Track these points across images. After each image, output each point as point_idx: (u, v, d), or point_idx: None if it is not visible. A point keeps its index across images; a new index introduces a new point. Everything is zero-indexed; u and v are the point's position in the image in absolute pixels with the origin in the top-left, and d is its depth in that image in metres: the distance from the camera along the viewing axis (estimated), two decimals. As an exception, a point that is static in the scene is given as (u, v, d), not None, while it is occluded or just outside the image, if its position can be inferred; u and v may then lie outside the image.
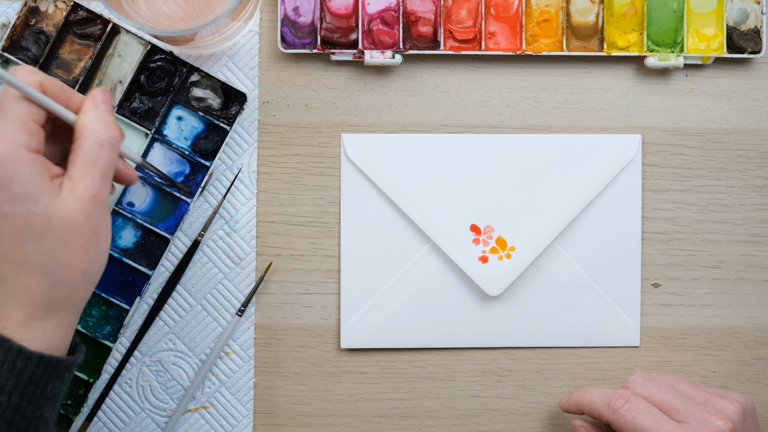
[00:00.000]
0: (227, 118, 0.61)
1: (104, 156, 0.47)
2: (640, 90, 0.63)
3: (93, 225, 0.47)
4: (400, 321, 0.62)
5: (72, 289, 0.47)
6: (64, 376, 0.47)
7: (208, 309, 0.62)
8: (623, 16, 0.62)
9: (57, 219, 0.45)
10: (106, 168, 0.48)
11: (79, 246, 0.46)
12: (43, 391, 0.46)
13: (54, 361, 0.46)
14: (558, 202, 0.62)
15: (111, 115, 0.49)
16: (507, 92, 0.63)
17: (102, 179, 0.47)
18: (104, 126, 0.48)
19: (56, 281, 0.46)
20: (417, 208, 0.61)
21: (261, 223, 0.62)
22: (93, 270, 0.47)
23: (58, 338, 0.47)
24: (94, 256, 0.47)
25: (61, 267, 0.46)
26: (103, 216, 0.48)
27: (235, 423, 0.61)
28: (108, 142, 0.48)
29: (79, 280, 0.47)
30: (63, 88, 0.49)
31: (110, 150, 0.48)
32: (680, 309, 0.63)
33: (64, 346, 0.48)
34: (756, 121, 0.63)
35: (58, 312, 0.47)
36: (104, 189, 0.47)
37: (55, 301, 0.46)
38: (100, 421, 0.61)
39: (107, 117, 0.49)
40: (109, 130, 0.48)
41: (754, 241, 0.63)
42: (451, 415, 0.63)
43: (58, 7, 0.60)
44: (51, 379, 0.46)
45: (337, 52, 0.61)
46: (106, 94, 0.50)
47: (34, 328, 0.46)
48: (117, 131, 0.49)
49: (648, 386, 0.57)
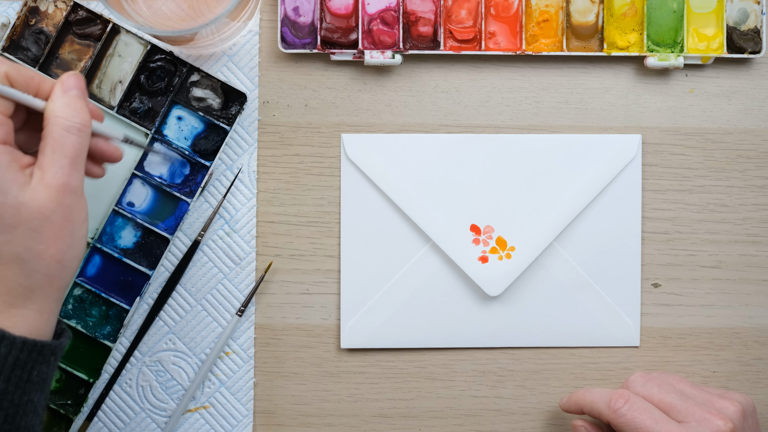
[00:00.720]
0: (227, 118, 0.61)
1: (72, 142, 0.47)
2: (640, 90, 0.63)
3: (65, 213, 0.46)
4: (400, 321, 0.62)
5: (49, 277, 0.47)
6: (50, 360, 0.47)
7: (208, 309, 0.62)
8: (623, 16, 0.62)
9: (27, 209, 0.45)
10: (75, 154, 0.47)
11: (53, 235, 0.46)
12: (30, 375, 0.46)
13: (38, 345, 0.46)
14: (558, 202, 0.62)
15: (80, 99, 0.48)
16: (507, 92, 0.63)
17: (71, 166, 0.47)
18: (72, 111, 0.47)
19: (31, 270, 0.46)
20: (417, 208, 0.61)
21: (261, 223, 0.62)
22: (69, 258, 0.47)
23: (39, 324, 0.47)
24: (70, 243, 0.47)
25: (35, 256, 0.46)
26: (76, 203, 0.47)
27: (235, 423, 0.61)
28: (75, 128, 0.47)
29: (55, 267, 0.47)
30: (31, 76, 0.48)
31: (78, 135, 0.47)
32: (680, 309, 0.63)
33: (47, 332, 0.48)
34: (756, 121, 0.63)
35: (37, 299, 0.47)
36: (74, 176, 0.47)
37: (32, 289, 0.46)
38: (100, 421, 0.61)
39: (75, 102, 0.48)
40: (77, 116, 0.47)
41: (754, 241, 0.63)
42: (451, 415, 0.63)
43: (58, 7, 0.60)
44: (36, 363, 0.46)
45: (337, 52, 0.61)
46: (77, 79, 0.49)
47: (14, 315, 0.46)
48: (85, 116, 0.48)
49: (648, 386, 0.57)
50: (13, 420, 0.45)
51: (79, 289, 0.60)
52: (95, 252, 0.60)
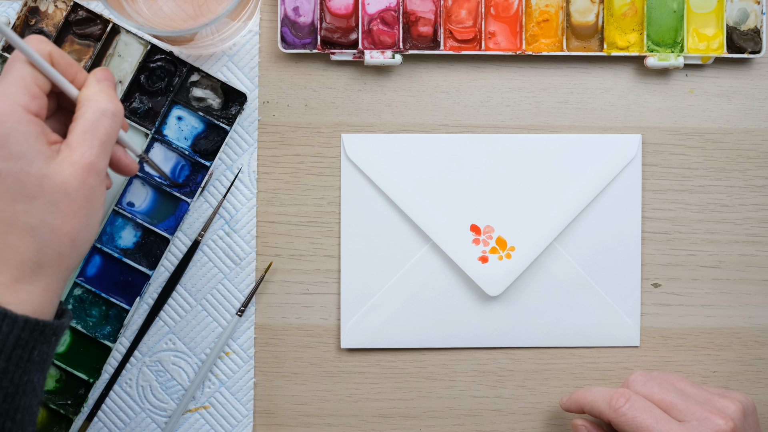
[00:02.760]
0: (227, 118, 0.61)
1: (105, 125, 0.48)
2: (640, 90, 0.63)
3: (86, 193, 0.47)
4: (400, 321, 0.62)
5: (59, 255, 0.47)
6: (51, 341, 0.47)
7: (208, 309, 0.61)
8: (623, 16, 0.62)
9: (50, 181, 0.46)
10: (106, 137, 0.48)
11: (70, 212, 0.46)
12: (30, 354, 0.45)
13: (40, 325, 0.46)
14: (558, 202, 0.62)
15: (114, 91, 0.50)
16: (507, 92, 0.63)
17: (101, 148, 0.47)
18: (107, 98, 0.48)
19: (44, 245, 0.46)
20: (417, 208, 0.61)
21: (261, 223, 0.62)
22: (82, 239, 0.47)
23: (43, 303, 0.47)
24: (85, 224, 0.47)
25: (50, 231, 0.46)
26: (98, 186, 0.47)
27: (235, 423, 0.61)
28: (110, 111, 0.48)
29: (66, 246, 0.47)
30: (71, 63, 0.49)
31: (112, 120, 0.48)
32: (680, 309, 0.63)
33: (50, 312, 0.47)
34: (756, 121, 0.63)
35: (44, 276, 0.46)
36: (102, 158, 0.47)
37: (41, 265, 0.46)
38: (100, 421, 0.61)
39: (110, 90, 0.49)
40: (110, 102, 0.48)
41: (754, 241, 0.63)
42: (451, 415, 0.62)
43: (58, 7, 0.60)
44: (38, 342, 0.46)
45: (337, 52, 0.61)
46: (108, 73, 0.50)
47: (20, 291, 0.46)
48: (119, 105, 0.49)
49: (649, 385, 0.57)
50: (13, 399, 0.45)
51: (79, 289, 0.60)
52: (95, 252, 0.60)
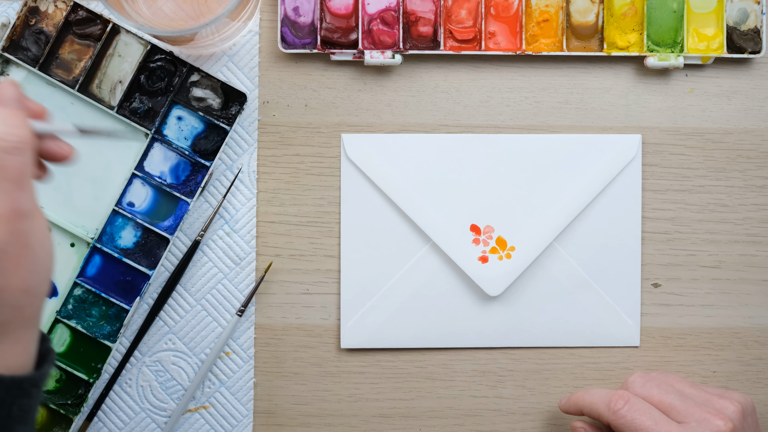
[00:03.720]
0: (227, 118, 0.61)
1: (13, 164, 0.42)
2: (640, 90, 0.63)
3: (21, 240, 0.42)
4: (400, 321, 0.62)
5: (17, 308, 0.43)
6: (31, 393, 0.44)
7: (208, 309, 0.62)
8: (623, 16, 0.62)
9: None
10: (19, 175, 0.43)
11: (13, 266, 0.42)
12: (9, 411, 0.43)
13: (17, 381, 0.43)
14: (558, 202, 0.62)
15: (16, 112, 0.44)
16: (507, 92, 0.63)
17: (18, 188, 0.42)
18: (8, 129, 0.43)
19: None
20: (417, 208, 0.61)
21: (261, 223, 0.62)
22: (35, 284, 0.44)
23: (16, 356, 0.44)
24: (33, 270, 0.43)
25: None
26: (32, 225, 0.43)
27: (235, 423, 0.61)
28: (14, 147, 0.43)
29: (21, 298, 0.43)
30: None
31: (19, 155, 0.43)
32: (680, 309, 0.63)
33: (26, 362, 0.45)
34: (756, 121, 0.63)
35: (10, 333, 0.43)
36: (23, 198, 0.43)
37: (3, 324, 0.43)
38: (100, 421, 0.61)
39: (9, 119, 0.43)
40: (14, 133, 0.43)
41: (754, 241, 0.63)
42: (451, 415, 0.63)
43: (58, 7, 0.60)
44: (16, 398, 0.43)
45: (337, 52, 0.61)
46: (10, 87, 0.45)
47: None
48: (23, 131, 0.43)
49: (648, 386, 0.56)
50: None
51: (79, 289, 0.60)
52: (95, 252, 0.60)
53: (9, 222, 0.42)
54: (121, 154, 0.61)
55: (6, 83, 0.45)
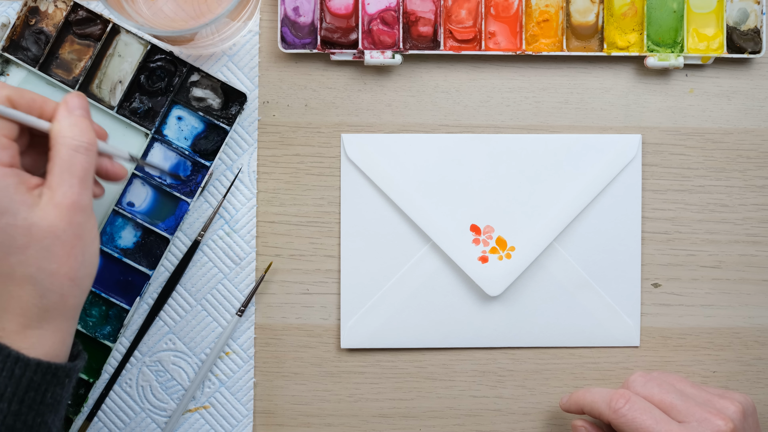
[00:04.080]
0: (227, 118, 0.61)
1: (80, 161, 0.47)
2: (640, 90, 0.63)
3: (76, 231, 0.47)
4: (400, 321, 0.62)
5: (63, 296, 0.47)
6: (64, 383, 0.47)
7: (208, 309, 0.62)
8: (623, 16, 0.62)
9: (38, 229, 0.45)
10: (84, 173, 0.47)
11: (65, 253, 0.46)
12: (43, 397, 0.46)
13: (53, 367, 0.46)
14: (558, 202, 0.62)
15: (85, 119, 0.49)
16: (507, 92, 0.63)
17: (81, 185, 0.47)
18: (79, 131, 0.48)
19: (45, 290, 0.46)
20: (417, 208, 0.61)
21: (261, 223, 0.62)
22: (82, 276, 0.47)
23: (54, 344, 0.47)
24: (82, 261, 0.47)
25: (48, 275, 0.46)
26: (87, 221, 0.47)
27: (235, 423, 0.61)
28: (83, 147, 0.48)
29: (68, 286, 0.47)
30: (33, 99, 0.49)
31: (86, 155, 0.48)
32: (680, 309, 0.63)
33: (62, 353, 0.48)
34: (756, 121, 0.63)
35: (52, 319, 0.47)
36: (84, 194, 0.47)
37: (47, 309, 0.46)
38: (100, 421, 0.61)
39: (81, 122, 0.48)
40: (83, 135, 0.48)
41: (754, 241, 0.63)
42: (451, 415, 0.63)
43: (58, 7, 0.60)
44: (51, 385, 0.46)
45: (337, 52, 0.61)
46: (80, 99, 0.49)
47: (30, 336, 0.46)
48: (92, 135, 0.48)
49: (649, 386, 0.57)
50: None
51: (79, 289, 0.60)
52: (95, 252, 0.60)
53: (68, 212, 0.46)
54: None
55: (74, 94, 0.50)
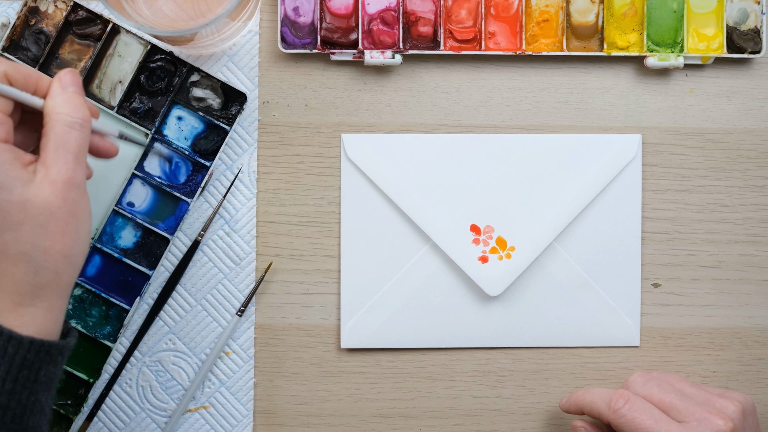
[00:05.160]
0: (227, 118, 0.61)
1: (75, 138, 0.47)
2: (640, 90, 0.63)
3: (70, 208, 0.47)
4: (400, 321, 0.62)
5: (56, 274, 0.47)
6: (57, 360, 0.47)
7: (208, 309, 0.62)
8: (623, 16, 0.62)
9: (33, 205, 0.46)
10: (78, 149, 0.47)
11: (59, 230, 0.46)
12: (37, 375, 0.46)
13: (46, 345, 0.46)
14: (558, 202, 0.62)
15: (79, 96, 0.49)
16: (507, 92, 0.63)
17: (75, 161, 0.47)
18: (73, 107, 0.48)
19: (39, 267, 0.46)
20: (417, 208, 0.61)
21: (261, 223, 0.62)
22: (76, 253, 0.47)
23: (47, 323, 0.47)
24: (76, 239, 0.47)
25: (42, 252, 0.46)
26: (81, 198, 0.47)
27: (235, 423, 0.61)
28: (78, 123, 0.47)
29: (62, 264, 0.47)
30: (29, 74, 0.49)
31: (80, 131, 0.48)
32: (680, 309, 0.63)
33: (54, 331, 0.48)
34: (756, 121, 0.63)
35: (45, 297, 0.47)
36: (79, 171, 0.47)
37: (40, 287, 0.46)
38: (100, 421, 0.61)
39: (75, 98, 0.48)
40: (77, 111, 0.48)
41: (754, 241, 0.63)
42: (451, 415, 0.63)
43: (58, 7, 0.60)
44: (44, 363, 0.46)
45: (337, 52, 0.61)
46: (73, 75, 0.49)
47: (23, 314, 0.46)
48: (86, 111, 0.48)
49: (648, 386, 0.57)
50: (21, 420, 0.45)
51: (79, 289, 0.60)
52: (95, 252, 0.60)
53: (63, 189, 0.46)
54: (121, 154, 0.61)
55: (67, 71, 0.49)
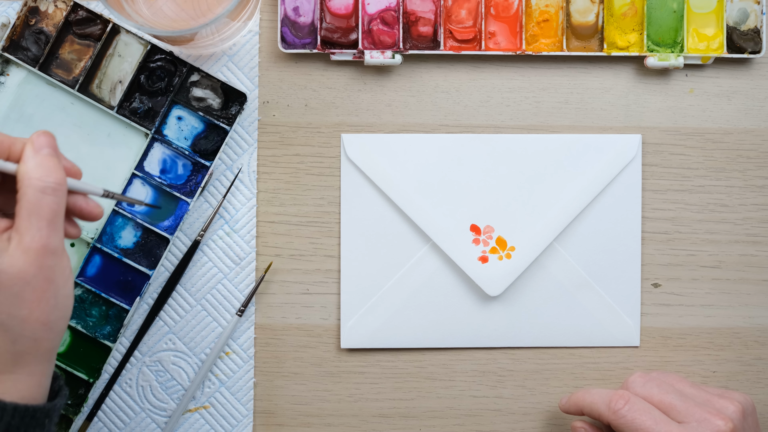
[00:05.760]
0: (227, 118, 0.61)
1: (48, 203, 0.45)
2: (640, 90, 0.63)
3: (46, 275, 0.45)
4: (400, 321, 0.62)
5: (35, 341, 0.46)
6: (44, 423, 0.46)
7: (208, 309, 0.62)
8: (623, 16, 0.62)
9: (6, 275, 0.44)
10: (52, 215, 0.46)
11: (35, 298, 0.45)
12: None
13: (30, 410, 0.45)
14: (558, 202, 0.62)
15: (52, 158, 0.47)
16: (507, 92, 0.63)
17: (49, 227, 0.45)
18: (45, 171, 0.46)
19: (17, 336, 0.45)
20: (417, 208, 0.61)
21: (261, 223, 0.62)
22: (55, 319, 0.46)
23: (31, 388, 0.46)
24: (54, 305, 0.46)
25: (19, 322, 0.45)
26: (58, 263, 0.46)
27: (235, 423, 0.61)
28: (50, 188, 0.46)
29: (41, 330, 0.46)
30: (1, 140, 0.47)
31: (54, 196, 0.46)
32: (680, 309, 0.63)
33: (39, 395, 0.47)
34: (756, 121, 0.63)
35: (26, 364, 0.46)
36: (53, 237, 0.46)
37: (20, 355, 0.46)
38: (100, 421, 0.61)
39: (48, 161, 0.46)
40: (50, 175, 0.46)
41: (754, 241, 0.63)
42: (451, 415, 0.63)
43: (58, 7, 0.60)
44: (30, 427, 0.45)
45: (337, 52, 0.61)
46: (47, 137, 0.47)
47: (4, 381, 0.46)
48: (59, 174, 0.46)
49: (648, 386, 0.57)
50: None
51: (79, 289, 0.60)
52: (95, 252, 0.60)
53: (37, 257, 0.45)
54: (121, 154, 0.61)
55: (40, 132, 0.47)
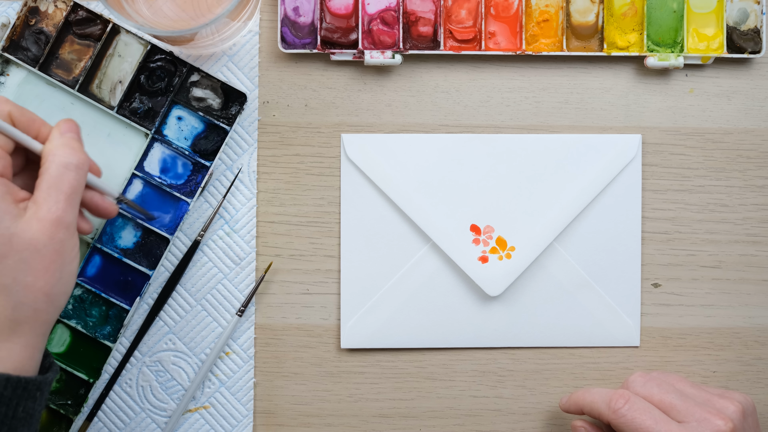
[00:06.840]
0: (227, 118, 0.61)
1: (69, 179, 0.48)
2: (640, 90, 0.63)
3: (57, 247, 0.47)
4: (400, 321, 0.62)
5: (35, 311, 0.47)
6: (35, 396, 0.47)
7: (208, 309, 0.62)
8: (623, 16, 0.62)
9: (18, 240, 0.46)
10: (71, 191, 0.48)
11: (42, 268, 0.46)
12: (15, 411, 0.45)
13: (23, 381, 0.46)
14: (558, 202, 0.62)
15: (77, 141, 0.50)
16: (507, 92, 0.63)
17: (67, 202, 0.47)
18: (70, 151, 0.48)
19: (18, 302, 0.46)
20: (417, 208, 0.61)
21: (261, 223, 0.62)
22: (57, 292, 0.47)
23: (23, 359, 0.47)
24: (59, 278, 0.47)
25: (23, 288, 0.46)
26: (69, 239, 0.47)
27: (235, 423, 0.61)
28: (73, 164, 0.48)
29: (42, 301, 0.47)
30: (33, 119, 0.50)
31: (76, 173, 0.48)
32: (680, 309, 0.63)
33: (32, 368, 0.47)
34: (756, 121, 0.63)
35: (23, 333, 0.46)
36: (69, 212, 0.47)
37: (18, 322, 0.46)
38: (100, 421, 0.61)
39: (73, 143, 0.49)
40: (74, 154, 0.48)
41: (754, 241, 0.63)
42: (451, 415, 0.63)
43: (58, 7, 0.60)
44: (21, 399, 0.46)
45: (337, 52, 0.61)
46: (71, 124, 0.50)
47: None
48: (83, 156, 0.49)
49: (648, 386, 0.57)
50: None
51: (79, 289, 0.60)
52: (95, 252, 0.60)
53: (51, 228, 0.46)
54: (121, 154, 0.61)
55: (67, 120, 0.50)
